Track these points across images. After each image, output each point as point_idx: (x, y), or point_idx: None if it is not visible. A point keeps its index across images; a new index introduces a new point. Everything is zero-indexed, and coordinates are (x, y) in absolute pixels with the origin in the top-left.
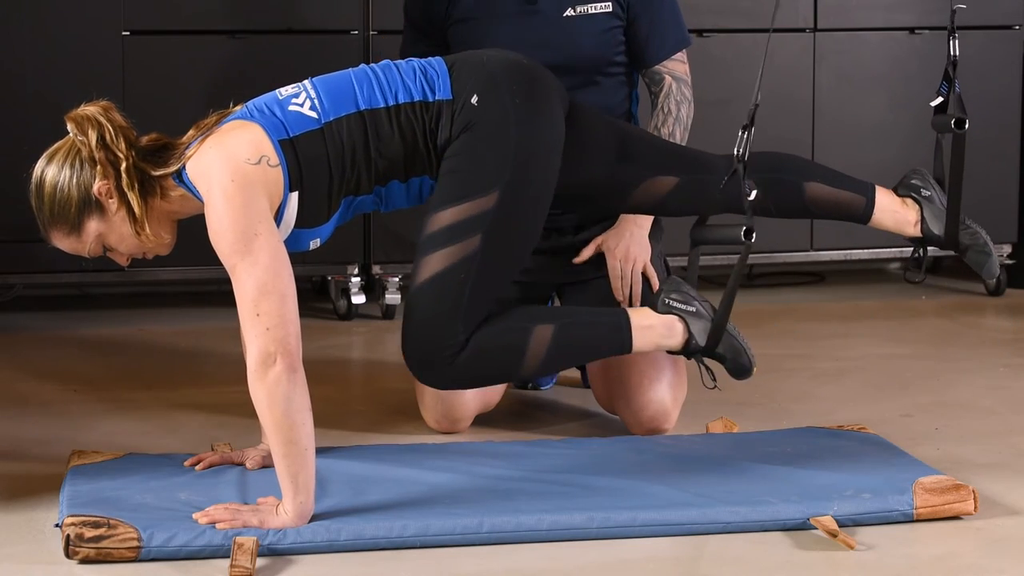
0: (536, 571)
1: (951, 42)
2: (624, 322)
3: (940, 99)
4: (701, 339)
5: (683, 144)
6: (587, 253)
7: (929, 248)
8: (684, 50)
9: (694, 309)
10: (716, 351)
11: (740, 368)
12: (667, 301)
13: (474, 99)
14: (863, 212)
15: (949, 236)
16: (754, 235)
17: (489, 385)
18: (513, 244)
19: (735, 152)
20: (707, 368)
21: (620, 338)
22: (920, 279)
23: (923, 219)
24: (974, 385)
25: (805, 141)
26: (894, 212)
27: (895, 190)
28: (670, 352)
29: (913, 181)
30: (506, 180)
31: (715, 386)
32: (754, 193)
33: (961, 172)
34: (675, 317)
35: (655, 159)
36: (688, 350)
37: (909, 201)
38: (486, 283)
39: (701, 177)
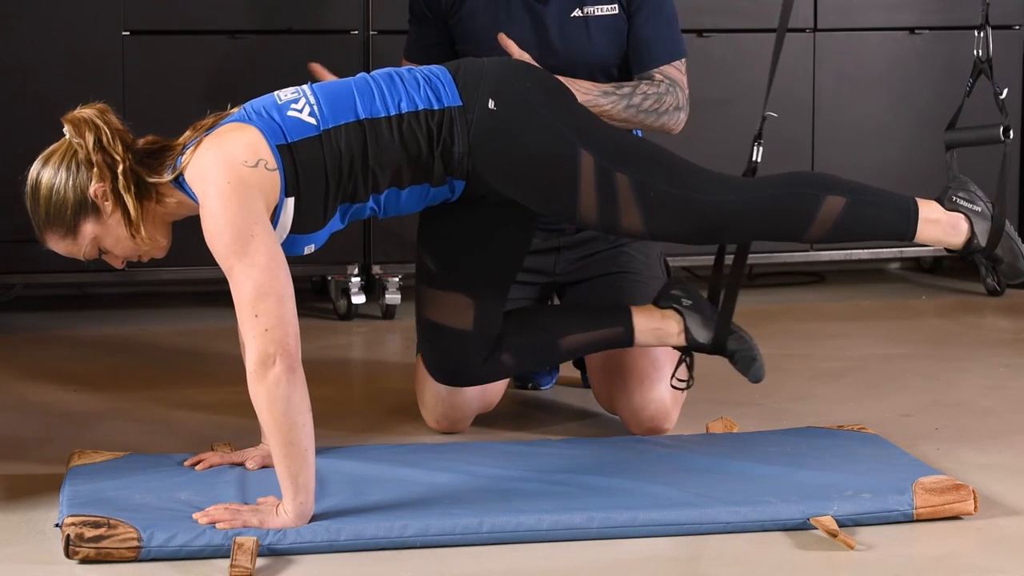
0: (536, 571)
1: (755, 149)
2: (913, 210)
3: None
4: (982, 240)
5: (629, 125)
6: None
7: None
8: (682, 61)
9: (979, 209)
10: (995, 252)
11: (1017, 271)
12: (954, 199)
13: (491, 104)
14: (624, 339)
15: (717, 342)
16: (1011, 134)
17: (771, 239)
18: (633, 144)
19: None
20: (987, 268)
21: (905, 224)
22: (685, 386)
23: (687, 328)
24: (974, 385)
25: (805, 141)
26: (655, 330)
27: (656, 301)
28: (949, 250)
29: (674, 292)
30: (574, 136)
31: (996, 286)
32: (1006, 91)
33: (740, 279)
34: (961, 215)
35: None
36: (969, 249)
37: (669, 312)
38: (666, 173)
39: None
